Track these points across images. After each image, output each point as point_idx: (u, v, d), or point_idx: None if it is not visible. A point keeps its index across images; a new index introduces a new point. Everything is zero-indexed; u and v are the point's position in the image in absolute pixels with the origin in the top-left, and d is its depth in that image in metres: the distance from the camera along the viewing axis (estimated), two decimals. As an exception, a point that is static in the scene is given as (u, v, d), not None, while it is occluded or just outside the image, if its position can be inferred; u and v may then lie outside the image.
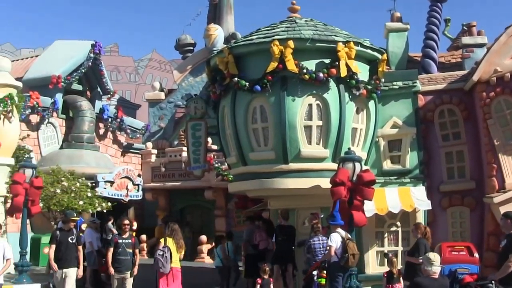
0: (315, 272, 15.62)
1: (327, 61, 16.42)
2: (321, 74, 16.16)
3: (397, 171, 17.96)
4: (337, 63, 16.23)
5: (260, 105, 16.74)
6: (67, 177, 25.31)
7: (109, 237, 18.17)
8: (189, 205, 34.37)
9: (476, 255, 15.93)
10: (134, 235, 16.33)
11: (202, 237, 30.68)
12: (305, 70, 16.15)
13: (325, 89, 16.42)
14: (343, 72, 16.23)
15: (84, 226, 20.54)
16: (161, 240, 14.71)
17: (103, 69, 33.53)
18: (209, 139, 22.00)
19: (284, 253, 17.12)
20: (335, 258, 14.46)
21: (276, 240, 17.41)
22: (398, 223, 17.59)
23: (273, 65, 16.12)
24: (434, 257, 9.63)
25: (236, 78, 16.66)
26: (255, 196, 20.18)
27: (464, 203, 18.02)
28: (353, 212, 14.90)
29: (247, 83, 16.48)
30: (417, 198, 17.04)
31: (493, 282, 13.35)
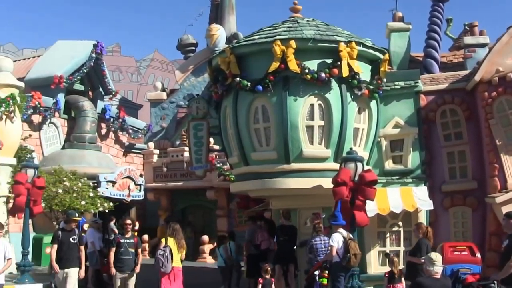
0: (317, 272, 15.62)
1: (329, 61, 16.42)
2: (323, 74, 16.16)
3: (399, 171, 17.95)
4: (339, 63, 16.24)
5: (262, 105, 16.74)
6: (69, 177, 25.30)
7: (111, 237, 18.17)
8: (191, 205, 34.38)
9: (478, 255, 15.91)
10: (136, 235, 16.33)
11: (204, 237, 30.66)
12: (307, 70, 16.15)
13: (327, 89, 16.42)
14: (345, 72, 16.23)
15: (86, 226, 20.55)
16: (162, 240, 14.76)
17: (105, 69, 33.51)
18: (211, 139, 22.03)
19: (286, 253, 17.12)
20: (337, 258, 14.46)
21: (278, 240, 17.42)
22: (400, 223, 17.58)
23: (275, 65, 16.12)
24: (436, 257, 9.63)
25: (238, 78, 16.66)
26: (257, 196, 20.18)
27: (466, 203, 18.00)
28: (355, 212, 14.89)
29: (249, 83, 16.48)
30: (419, 198, 17.03)
31: (495, 282, 13.34)
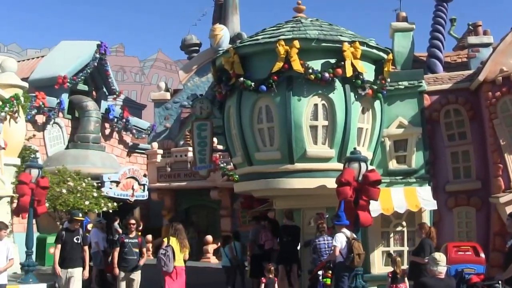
0: (320, 272, 15.61)
1: (333, 61, 16.41)
2: (327, 74, 16.15)
3: (403, 171, 17.93)
4: (343, 63, 16.22)
5: (266, 105, 16.73)
6: (73, 177, 25.36)
7: (115, 238, 18.19)
8: (195, 205, 34.41)
9: (482, 255, 15.91)
10: (140, 235, 16.35)
11: (208, 237, 30.69)
12: (311, 70, 16.14)
13: (331, 89, 16.41)
14: (349, 72, 16.22)
15: (90, 226, 20.57)
16: (165, 240, 14.86)
17: (109, 69, 33.59)
18: (215, 139, 21.96)
19: (289, 254, 17.10)
20: (341, 258, 14.44)
21: (281, 241, 17.42)
22: (404, 223, 17.55)
23: (279, 65, 16.11)
24: (440, 257, 9.61)
25: (242, 78, 16.65)
26: (261, 196, 20.18)
27: (470, 203, 17.98)
28: (359, 212, 14.88)
29: (253, 83, 16.47)
30: (423, 198, 17.00)
31: (500, 282, 13.33)
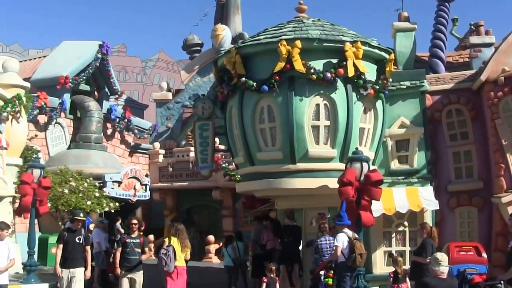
0: (322, 272, 15.62)
1: (335, 61, 16.41)
2: (329, 74, 16.16)
3: (405, 171, 17.93)
4: (345, 63, 16.23)
5: (268, 105, 16.75)
6: (75, 177, 25.38)
7: (117, 238, 18.18)
8: (197, 205, 34.44)
9: (484, 255, 15.90)
10: (142, 235, 16.34)
11: (210, 237, 30.69)
12: (313, 70, 16.14)
13: (333, 89, 16.42)
14: (351, 72, 16.22)
15: (92, 226, 20.58)
16: (166, 240, 14.92)
17: (111, 70, 33.56)
18: (217, 139, 22.05)
19: (290, 254, 17.12)
20: (342, 258, 14.44)
21: (282, 241, 17.43)
22: (406, 223, 17.56)
23: (281, 65, 16.12)
24: (442, 257, 9.62)
25: (244, 78, 16.66)
26: (263, 196, 20.18)
27: (472, 203, 17.97)
28: (361, 212, 14.89)
29: (255, 83, 16.49)
30: (425, 198, 17.02)
31: (502, 282, 13.33)
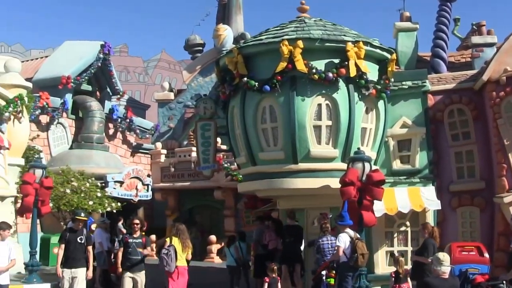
0: (324, 272, 15.62)
1: (337, 61, 16.41)
2: (331, 74, 16.15)
3: (407, 171, 17.92)
4: (347, 63, 16.22)
5: (270, 105, 16.74)
6: (77, 177, 25.40)
7: (119, 238, 18.18)
8: (198, 205, 34.40)
9: (486, 255, 15.89)
10: (144, 235, 16.34)
11: (212, 237, 30.66)
12: (315, 70, 16.14)
13: (335, 89, 16.41)
14: (353, 72, 16.22)
15: (94, 226, 20.58)
16: (167, 240, 14.91)
17: (113, 70, 33.61)
18: (219, 139, 22.03)
19: (292, 254, 17.13)
20: (344, 258, 14.44)
21: (283, 241, 17.43)
22: (408, 223, 17.54)
23: (283, 65, 16.12)
24: (444, 257, 9.60)
25: (246, 78, 16.66)
26: (265, 196, 20.16)
27: (474, 203, 17.94)
28: (363, 212, 14.86)
29: (257, 83, 16.49)
30: (427, 198, 16.99)
31: (504, 283, 13.34)
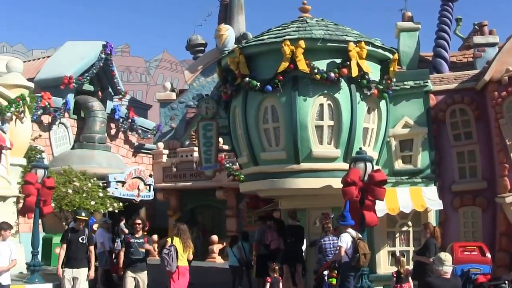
0: (326, 272, 15.62)
1: (338, 61, 16.41)
2: (332, 74, 16.15)
3: (409, 171, 17.92)
4: (348, 63, 16.22)
5: (271, 105, 16.74)
6: (79, 177, 25.42)
7: (121, 238, 18.19)
8: (200, 205, 34.42)
9: (488, 255, 15.90)
10: (146, 235, 16.35)
11: (213, 237, 30.69)
12: (316, 70, 16.14)
13: (336, 89, 16.40)
14: (354, 72, 16.22)
15: (96, 227, 20.59)
16: (168, 240, 14.98)
17: (114, 70, 33.65)
18: (220, 139, 21.97)
19: (293, 254, 17.11)
20: (346, 258, 14.43)
21: (285, 241, 17.43)
22: (410, 223, 17.54)
23: (284, 65, 16.12)
24: (445, 257, 9.59)
25: (247, 78, 16.67)
26: (266, 196, 20.17)
27: (476, 203, 17.94)
28: (365, 212, 14.84)
29: (258, 83, 16.49)
30: (429, 198, 16.98)
31: (506, 282, 13.34)
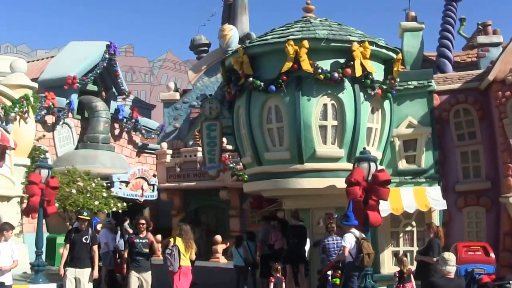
0: (330, 272, 15.62)
1: (342, 61, 16.41)
2: (336, 74, 16.15)
3: (413, 171, 17.92)
4: (352, 63, 16.22)
5: (275, 105, 16.75)
6: (83, 178, 25.43)
7: (125, 238, 18.21)
8: (204, 205, 34.41)
9: (492, 255, 15.87)
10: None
11: (217, 237, 30.68)
12: (320, 70, 16.14)
13: (340, 89, 16.41)
14: (358, 72, 16.22)
15: (100, 227, 20.61)
16: (171, 240, 15.06)
17: (118, 70, 33.64)
18: (224, 139, 22.08)
19: (295, 254, 17.12)
20: (350, 258, 14.43)
21: (287, 241, 17.43)
22: (413, 223, 17.54)
23: (288, 65, 16.13)
24: (449, 257, 9.60)
25: (251, 78, 16.67)
26: (270, 196, 20.18)
27: (480, 203, 17.92)
28: (369, 212, 14.85)
29: (262, 83, 16.49)
30: (433, 198, 16.98)
31: (511, 282, 13.32)
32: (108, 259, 19.16)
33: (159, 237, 29.95)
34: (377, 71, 16.98)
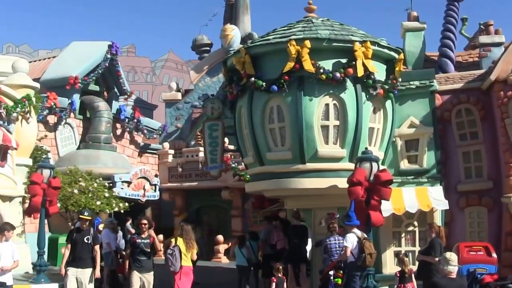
0: (332, 272, 15.61)
1: (344, 61, 16.39)
2: (338, 74, 16.14)
3: (414, 171, 17.92)
4: (354, 63, 16.20)
5: (277, 105, 16.74)
6: (85, 178, 25.45)
7: (127, 238, 18.22)
8: (206, 205, 34.43)
9: (494, 255, 15.87)
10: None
11: (219, 237, 30.68)
12: (322, 70, 16.13)
13: (342, 89, 16.39)
14: (360, 72, 16.20)
15: (101, 227, 20.62)
16: (172, 240, 15.09)
17: (120, 70, 33.68)
18: (226, 139, 21.99)
19: (296, 254, 17.11)
20: (352, 258, 14.43)
21: (289, 241, 17.43)
22: (415, 223, 17.53)
23: (290, 65, 16.11)
24: (451, 256, 9.59)
25: (253, 78, 16.66)
26: (272, 196, 20.18)
27: (482, 203, 17.91)
28: (370, 212, 14.84)
29: (264, 83, 16.48)
30: (435, 198, 16.97)
31: (513, 283, 13.30)
32: (110, 259, 19.19)
33: (161, 237, 29.93)
34: (379, 71, 16.96)
